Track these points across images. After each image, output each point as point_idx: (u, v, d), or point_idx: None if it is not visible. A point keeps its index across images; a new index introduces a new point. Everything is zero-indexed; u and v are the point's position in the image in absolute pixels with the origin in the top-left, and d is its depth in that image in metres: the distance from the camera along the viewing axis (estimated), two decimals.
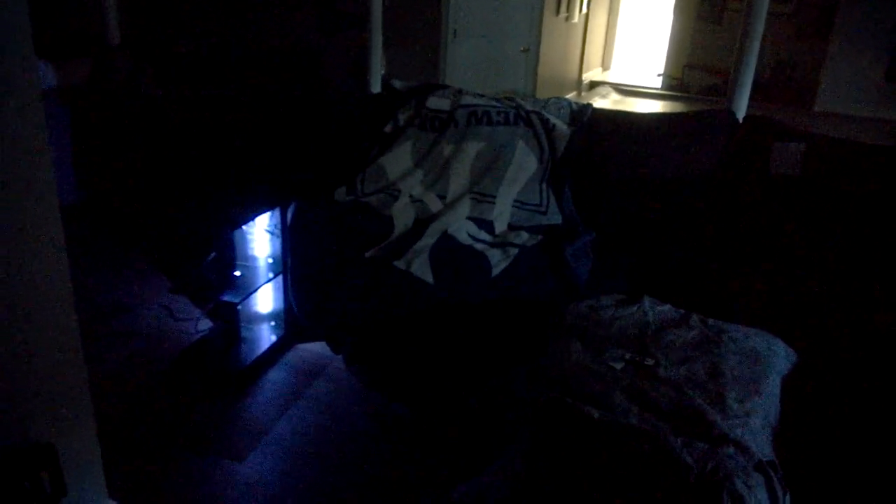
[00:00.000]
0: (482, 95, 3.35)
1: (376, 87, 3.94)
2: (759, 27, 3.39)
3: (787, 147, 2.95)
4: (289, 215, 2.82)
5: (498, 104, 3.27)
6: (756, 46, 3.32)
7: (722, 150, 2.98)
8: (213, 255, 3.03)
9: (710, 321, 2.25)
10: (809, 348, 2.25)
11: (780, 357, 2.19)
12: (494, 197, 3.04)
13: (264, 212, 2.85)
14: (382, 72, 4.24)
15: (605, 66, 8.48)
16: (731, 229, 2.84)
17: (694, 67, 7.12)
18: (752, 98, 3.40)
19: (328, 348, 2.84)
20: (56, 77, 4.00)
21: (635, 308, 2.31)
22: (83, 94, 4.14)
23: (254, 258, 2.99)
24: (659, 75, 7.88)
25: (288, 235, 2.85)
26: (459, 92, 3.33)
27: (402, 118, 3.26)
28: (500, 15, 5.79)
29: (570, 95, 6.77)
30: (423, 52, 5.07)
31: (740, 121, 3.14)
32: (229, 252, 2.90)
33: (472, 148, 3.16)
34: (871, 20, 6.23)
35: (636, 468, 1.71)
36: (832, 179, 2.87)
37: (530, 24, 6.11)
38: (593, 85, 7.73)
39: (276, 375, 2.77)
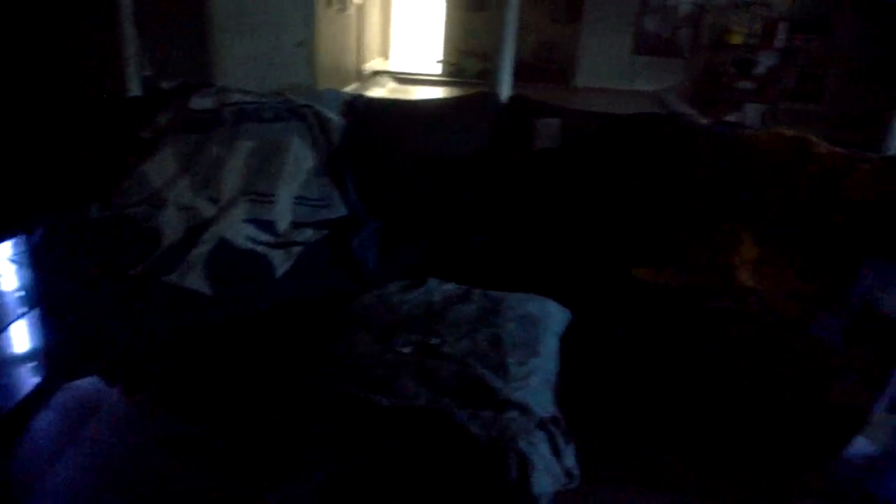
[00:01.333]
0: (249, 92, 3.21)
1: (135, 90, 3.64)
2: (514, 14, 3.60)
3: (546, 123, 3.16)
4: (35, 240, 2.50)
5: (266, 100, 3.15)
6: (512, 31, 3.52)
7: (488, 130, 3.12)
8: None
9: (491, 293, 2.35)
10: (582, 306, 2.44)
11: (555, 317, 2.34)
12: (273, 196, 2.93)
13: (4, 240, 2.50)
14: (146, 72, 3.93)
15: (385, 55, 8.58)
16: (500, 203, 2.99)
17: (468, 53, 7.43)
18: (518, 79, 3.61)
19: (102, 382, 2.57)
20: None
21: (420, 291, 2.35)
22: None
23: (2, 293, 2.62)
24: (438, 62, 8.14)
25: (40, 262, 2.53)
26: (223, 90, 3.16)
27: (162, 121, 3.03)
28: (273, 8, 5.62)
29: (352, 87, 6.77)
30: (191, 51, 4.76)
31: (504, 101, 3.32)
32: None
33: (244, 147, 3.02)
34: (615, 2, 6.90)
35: (428, 449, 1.74)
36: (588, 148, 3.12)
37: (304, 17, 6.00)
38: (376, 75, 7.79)
39: (43, 421, 2.46)
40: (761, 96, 6.99)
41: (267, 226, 2.84)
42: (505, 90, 3.35)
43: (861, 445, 2.50)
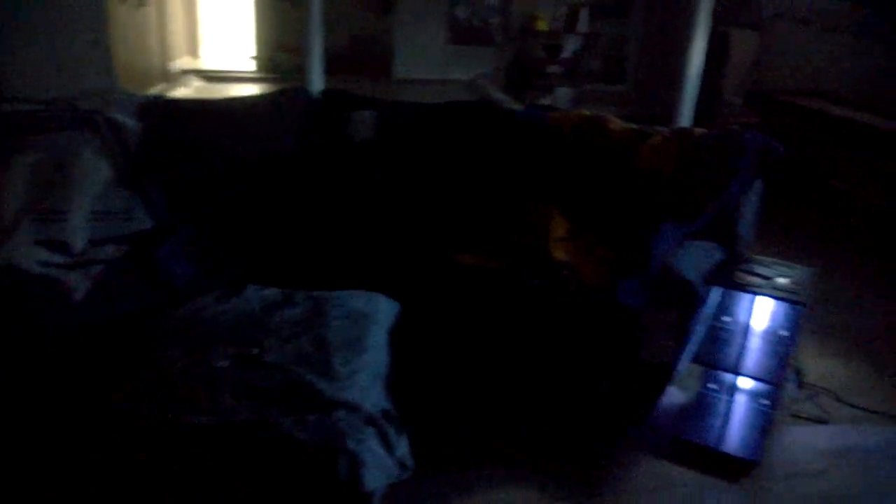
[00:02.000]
0: (27, 100, 2.88)
1: None
2: (318, 5, 3.52)
3: (361, 115, 3.13)
4: None
5: (49, 109, 2.84)
6: (318, 23, 3.45)
7: (300, 126, 3.04)
8: None
9: (316, 294, 2.29)
10: (410, 296, 2.45)
11: (383, 311, 2.33)
12: (65, 213, 2.65)
13: None
14: None
15: (194, 53, 8.12)
16: (320, 199, 2.93)
17: (282, 48, 7.22)
18: (335, 72, 3.53)
19: None
20: None
21: (238, 299, 2.24)
22: None
23: None
24: (252, 58, 7.83)
25: None
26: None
27: None
28: (59, 7, 5.09)
29: (158, 88, 6.33)
30: None
31: (315, 95, 3.25)
32: None
33: (25, 162, 2.70)
34: None
35: (254, 464, 1.67)
36: (404, 139, 3.13)
37: (94, 14, 5.50)
38: (184, 74, 7.35)
39: None
40: (570, 79, 7.44)
41: (60, 246, 2.57)
42: (317, 84, 3.27)
43: (673, 395, 2.75)
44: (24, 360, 2.10)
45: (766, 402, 2.63)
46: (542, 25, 7.26)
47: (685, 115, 4.67)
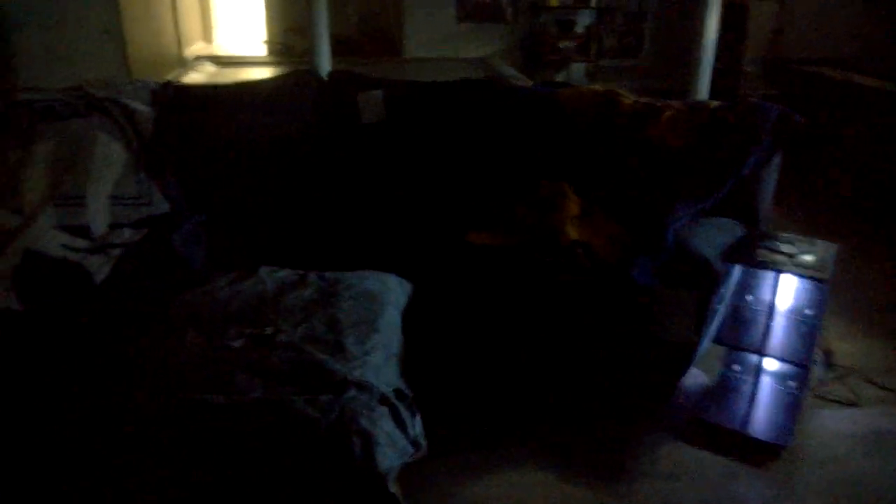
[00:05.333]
0: (40, 89, 2.92)
1: None
2: None
3: (369, 96, 3.13)
4: None
5: (62, 96, 2.88)
6: (323, 4, 3.43)
7: (310, 108, 3.05)
8: None
9: (327, 275, 2.31)
10: (422, 276, 2.45)
11: (395, 291, 2.34)
12: (84, 198, 2.70)
13: None
14: None
15: (207, 39, 8.13)
16: (331, 181, 2.94)
17: (294, 31, 7.20)
18: (344, 54, 3.52)
19: None
20: None
21: (251, 280, 2.26)
22: None
23: None
24: (264, 42, 7.83)
25: None
26: (14, 89, 2.85)
27: None
28: None
29: (173, 74, 6.35)
30: None
31: (323, 78, 3.25)
32: None
33: (43, 149, 2.74)
34: None
35: (267, 442, 1.70)
36: (414, 118, 3.13)
37: (107, 2, 5.52)
38: (198, 60, 7.37)
39: None
40: (583, 55, 7.35)
41: (81, 231, 2.62)
42: (325, 65, 3.27)
43: (695, 376, 2.71)
44: (51, 341, 2.15)
45: (793, 384, 2.55)
46: (553, 1, 7.17)
47: (702, 88, 4.60)
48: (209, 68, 6.46)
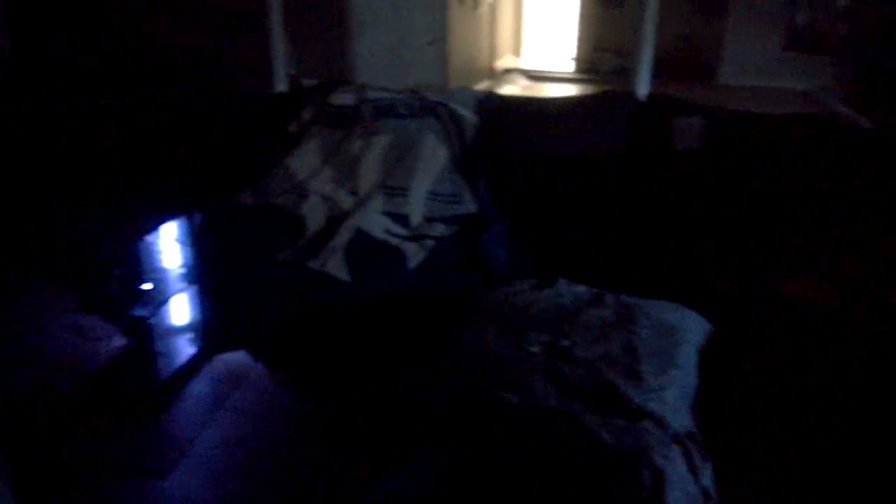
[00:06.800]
0: (387, 90, 3.32)
1: (280, 86, 3.84)
2: (655, 8, 3.47)
3: (686, 122, 3.03)
4: (197, 222, 2.71)
5: (403, 97, 3.24)
6: (652, 27, 3.40)
7: (624, 129, 3.03)
8: (119, 269, 2.89)
9: (624, 298, 2.28)
10: (724, 319, 2.30)
11: (695, 329, 2.23)
12: (407, 190, 3.01)
13: (169, 221, 2.73)
14: (291, 71, 4.14)
15: (517, 53, 8.55)
16: (638, 205, 2.89)
17: (602, 50, 7.26)
18: (656, 76, 3.46)
19: (249, 356, 2.74)
20: None
21: (550, 291, 2.32)
22: None
23: (164, 269, 2.86)
24: (572, 59, 8.00)
25: (198, 243, 2.74)
26: (363, 87, 3.29)
27: (306, 116, 3.19)
28: (406, 7, 5.74)
29: (483, 85, 6.80)
30: (330, 49, 4.97)
31: (641, 99, 3.21)
32: (137, 264, 2.78)
33: (381, 142, 3.11)
34: None
35: (556, 450, 1.72)
36: (733, 150, 2.95)
37: (436, 15, 6.09)
38: (506, 72, 7.79)
39: (195, 388, 2.64)
40: None
41: (401, 219, 2.93)
42: (643, 88, 3.23)
43: None
44: (369, 312, 2.44)
45: None
46: None
47: None
48: (522, 81, 6.79)
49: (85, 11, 4.67)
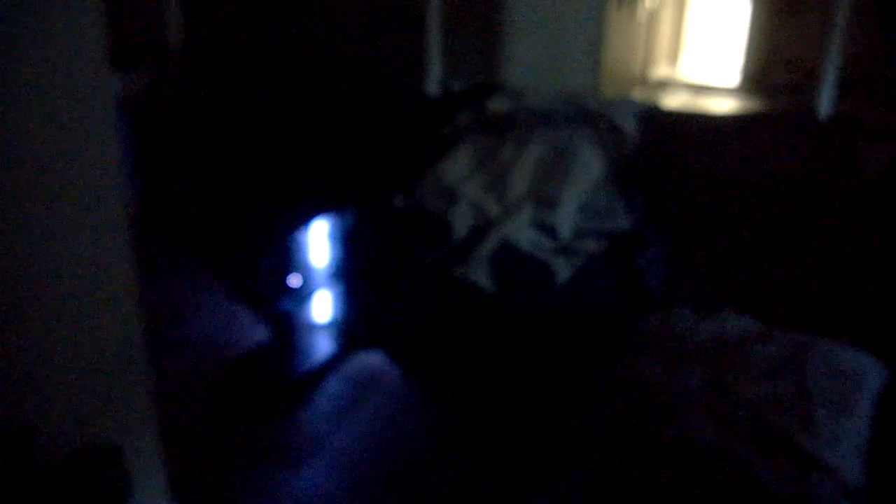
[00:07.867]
0: (543, 95, 3.25)
1: (433, 89, 3.87)
2: (843, 18, 3.18)
3: (876, 148, 2.75)
4: (346, 222, 2.80)
5: (560, 105, 3.17)
6: (839, 38, 3.11)
7: (803, 154, 2.80)
8: (268, 261, 3.02)
9: (795, 336, 2.10)
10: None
11: (871, 375, 2.02)
12: (557, 201, 2.94)
13: (320, 217, 2.83)
14: (439, 72, 4.16)
15: (674, 61, 8.17)
16: (817, 235, 2.65)
17: (773, 63, 6.76)
18: (840, 94, 3.18)
19: (386, 357, 2.79)
20: (118, 85, 4.04)
21: (712, 321, 2.17)
22: (144, 102, 4.20)
23: (311, 266, 2.97)
24: (739, 71, 7.51)
25: (345, 242, 2.82)
26: (520, 93, 3.25)
27: (460, 121, 3.20)
28: (561, 11, 5.63)
29: (637, 92, 6.55)
30: (481, 50, 4.97)
31: (823, 120, 2.95)
32: (286, 259, 2.90)
33: (534, 151, 3.06)
34: None
35: (712, 491, 1.60)
36: None
37: (592, 20, 5.93)
38: (662, 82, 7.46)
39: (333, 385, 2.74)
40: None
41: (549, 231, 2.86)
42: (826, 107, 2.96)
43: None
44: (512, 326, 2.40)
45: None
46: None
47: None
48: (681, 95, 6.48)
49: (244, 8, 4.91)
